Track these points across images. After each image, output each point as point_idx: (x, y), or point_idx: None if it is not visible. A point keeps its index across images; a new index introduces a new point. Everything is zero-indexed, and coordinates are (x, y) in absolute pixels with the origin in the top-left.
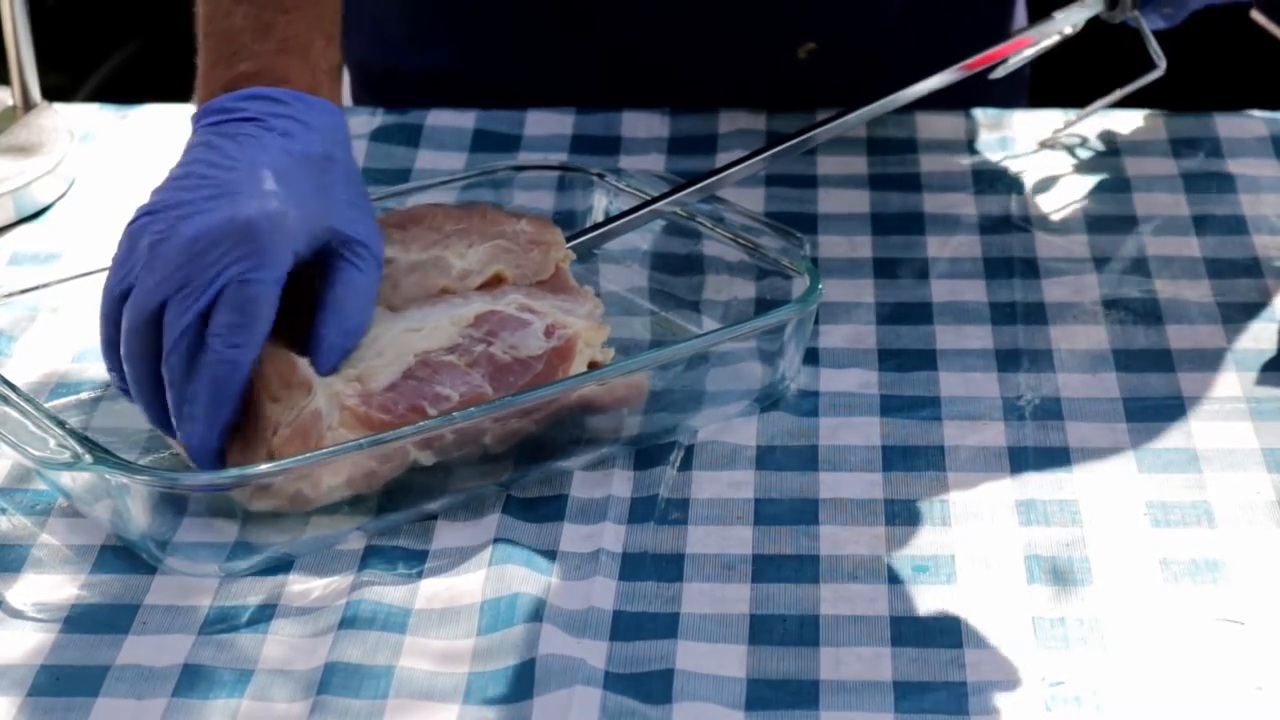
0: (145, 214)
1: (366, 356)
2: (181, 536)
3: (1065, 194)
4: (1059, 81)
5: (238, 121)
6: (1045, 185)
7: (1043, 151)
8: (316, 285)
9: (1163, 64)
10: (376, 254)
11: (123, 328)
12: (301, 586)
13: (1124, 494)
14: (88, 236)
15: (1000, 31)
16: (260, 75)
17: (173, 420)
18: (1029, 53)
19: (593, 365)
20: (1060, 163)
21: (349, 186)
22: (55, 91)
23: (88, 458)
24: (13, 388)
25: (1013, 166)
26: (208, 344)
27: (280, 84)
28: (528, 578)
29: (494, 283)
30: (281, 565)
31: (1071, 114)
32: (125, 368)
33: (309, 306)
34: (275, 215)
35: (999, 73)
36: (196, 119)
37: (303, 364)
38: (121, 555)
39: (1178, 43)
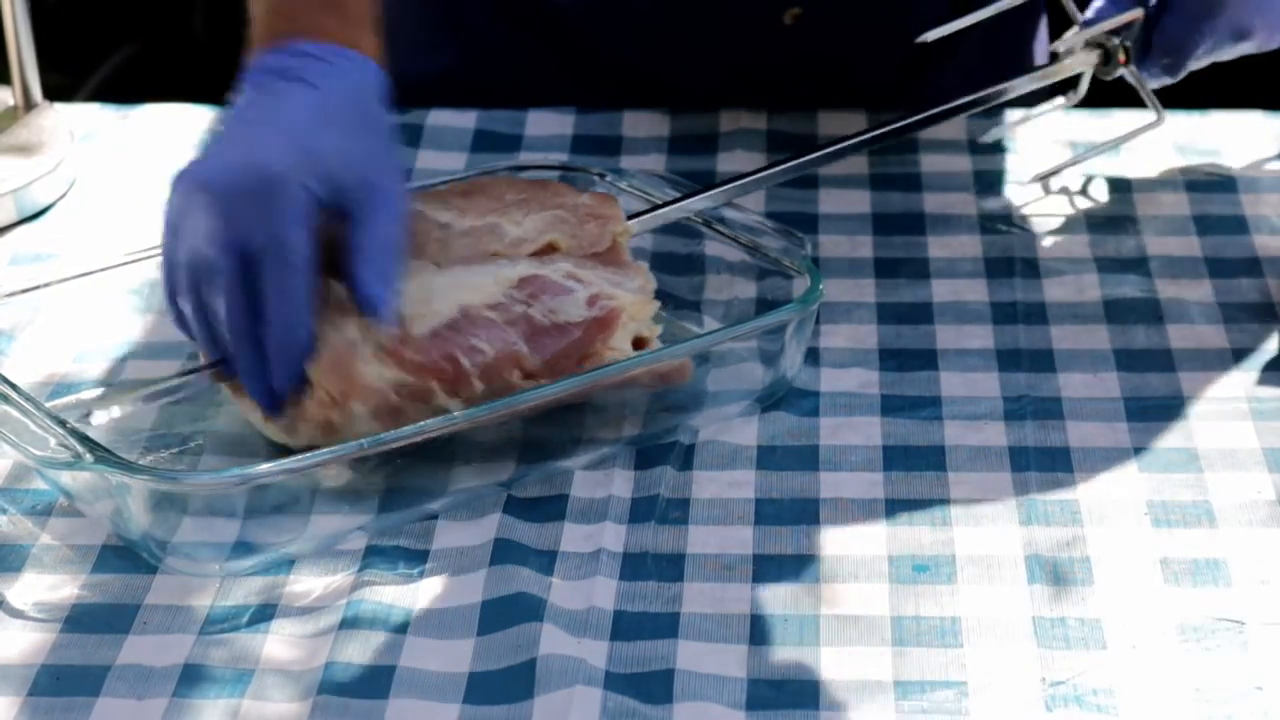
0: (177, 174)
1: (412, 301)
2: (182, 536)
3: (1065, 194)
4: (1061, 81)
5: (273, 77)
6: (1045, 185)
7: (1042, 151)
8: (344, 236)
9: (1162, 116)
10: (397, 199)
11: (180, 284)
12: (301, 586)
13: (1124, 494)
14: (88, 236)
15: (1024, 49)
16: (300, 33)
17: (246, 361)
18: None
19: (639, 341)
20: (1077, 157)
21: (372, 136)
22: (55, 91)
23: (88, 458)
24: (13, 387)
25: (1013, 166)
26: (264, 296)
27: (319, 39)
28: (528, 578)
29: (546, 251)
30: (281, 565)
31: (1072, 112)
32: (189, 318)
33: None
34: (289, 162)
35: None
36: (243, 80)
37: (335, 286)
38: (122, 555)
39: None
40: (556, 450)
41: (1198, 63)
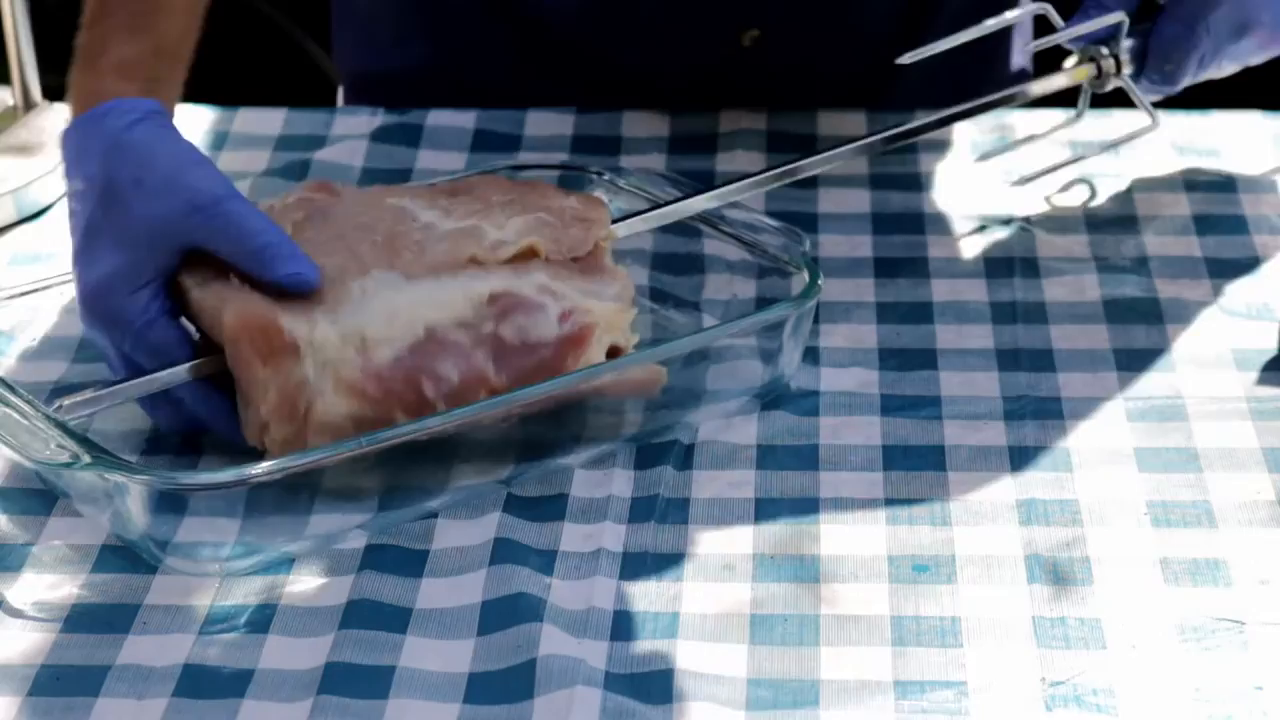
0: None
1: (376, 322)
2: (181, 536)
3: (1065, 194)
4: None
5: (69, 173)
6: (1045, 185)
7: (1042, 151)
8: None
9: (1157, 120)
10: (226, 202)
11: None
12: (301, 586)
13: (1124, 494)
14: None
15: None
16: (73, 105)
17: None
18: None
19: (614, 350)
20: (1060, 162)
21: (170, 175)
22: (55, 91)
23: (87, 458)
24: (12, 388)
25: (1012, 167)
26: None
27: (77, 107)
28: (528, 578)
29: (526, 255)
30: (281, 565)
31: (1073, 113)
32: None
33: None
34: (90, 291)
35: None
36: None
37: (287, 325)
38: (121, 555)
39: None
40: (556, 448)
41: (1199, 68)
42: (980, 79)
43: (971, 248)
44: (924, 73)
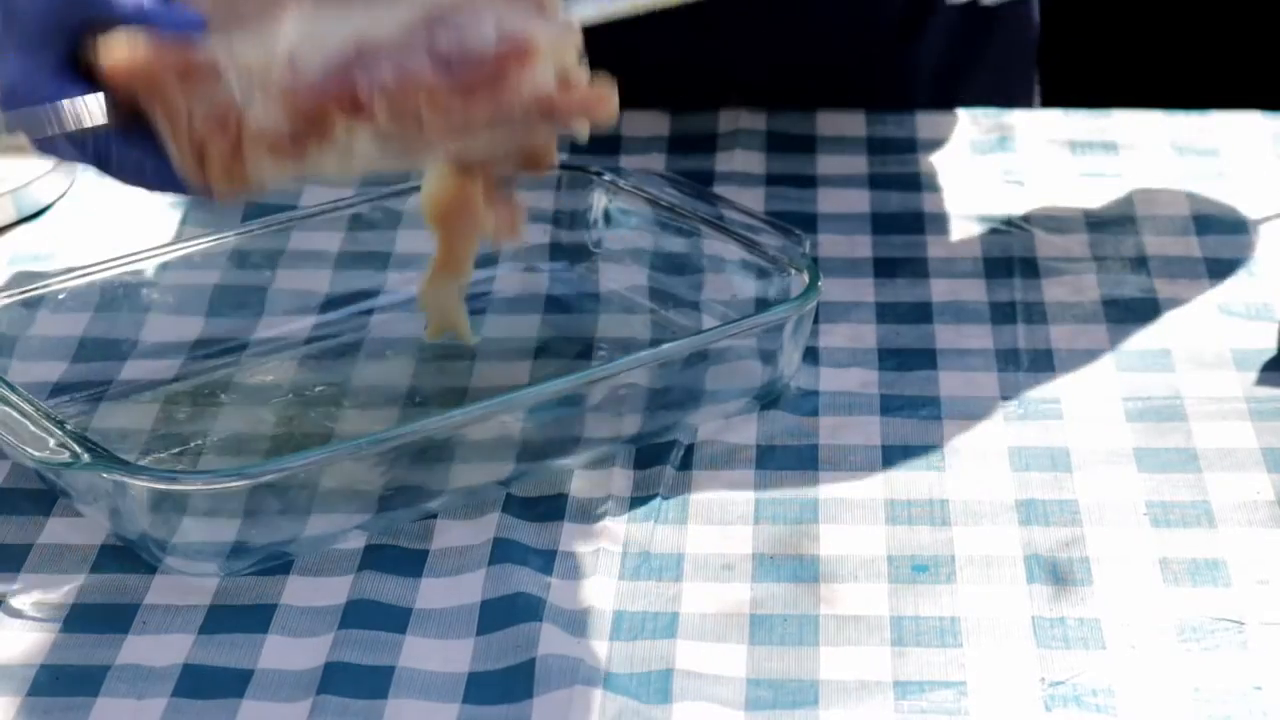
0: None
1: (301, 38)
2: (181, 536)
3: (1065, 194)
4: (1060, 81)
5: None
6: (1045, 185)
7: (1043, 151)
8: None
9: None
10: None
11: None
12: (301, 586)
13: (1124, 494)
14: (88, 236)
15: None
16: None
17: None
18: None
19: (564, 77)
20: (1060, 162)
21: None
22: None
23: (86, 458)
24: (12, 388)
25: (1013, 166)
26: None
27: None
28: (528, 577)
29: None
30: (281, 565)
31: (1072, 113)
32: None
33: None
34: (3, 95)
35: None
36: None
37: (203, 49)
38: (121, 555)
39: (1178, 41)
40: (555, 449)
41: None
42: (978, 74)
43: (971, 247)
44: (923, 70)
